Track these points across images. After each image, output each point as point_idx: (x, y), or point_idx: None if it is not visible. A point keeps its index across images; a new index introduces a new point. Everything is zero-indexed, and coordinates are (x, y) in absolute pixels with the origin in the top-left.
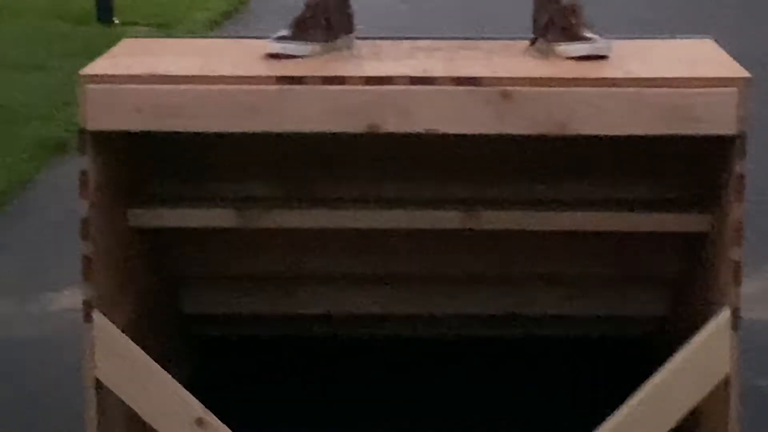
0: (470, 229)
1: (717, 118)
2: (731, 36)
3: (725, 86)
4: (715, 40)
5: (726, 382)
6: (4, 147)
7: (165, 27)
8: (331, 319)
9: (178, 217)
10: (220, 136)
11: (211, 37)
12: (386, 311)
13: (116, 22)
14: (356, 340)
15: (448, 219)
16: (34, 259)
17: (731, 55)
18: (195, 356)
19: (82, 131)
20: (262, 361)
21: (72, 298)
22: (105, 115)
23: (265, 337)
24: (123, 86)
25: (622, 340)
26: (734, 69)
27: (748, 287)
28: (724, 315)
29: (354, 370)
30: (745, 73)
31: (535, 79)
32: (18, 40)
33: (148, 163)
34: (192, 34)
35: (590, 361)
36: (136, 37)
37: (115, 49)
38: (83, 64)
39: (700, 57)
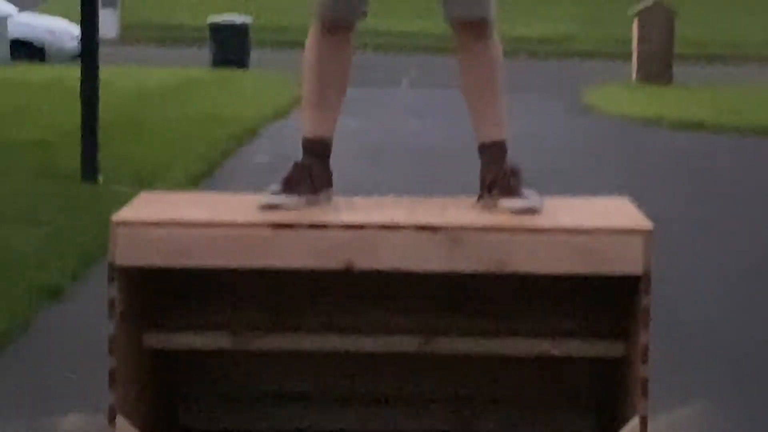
0: (427, 353)
1: (627, 261)
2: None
3: (633, 235)
4: (628, 199)
5: None
6: (3, 293)
7: (147, 185)
8: None
9: (183, 340)
10: (220, 272)
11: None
12: (364, 428)
13: (100, 180)
14: None
15: (408, 344)
16: (35, 394)
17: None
18: None
19: (112, 266)
20: None
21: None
22: (131, 253)
23: None
24: (146, 230)
25: None
26: (641, 221)
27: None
28: (633, 423)
29: None
30: (649, 225)
31: (481, 227)
32: (9, 196)
33: (160, 294)
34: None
35: None
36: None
37: (136, 201)
38: (72, 219)
39: (615, 211)
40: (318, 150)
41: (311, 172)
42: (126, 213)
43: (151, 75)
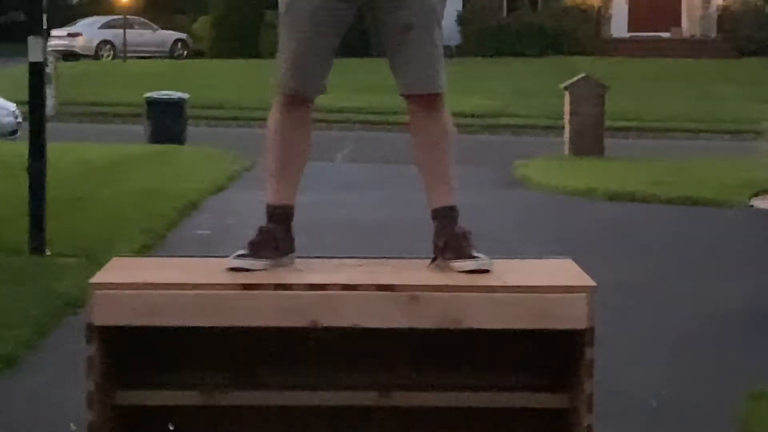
0: (384, 407)
1: (572, 316)
2: (584, 257)
3: (578, 292)
4: (572, 260)
5: None
6: None
7: (93, 258)
8: None
9: (154, 397)
10: (190, 331)
11: None
12: None
13: (48, 253)
14: None
15: (367, 398)
16: None
17: (584, 270)
18: None
19: (90, 326)
20: None
21: None
22: (107, 313)
23: None
24: (121, 291)
25: None
26: (584, 280)
27: None
28: None
29: None
30: (592, 283)
31: (436, 286)
32: None
33: (133, 352)
34: None
35: None
36: (68, 267)
37: (109, 265)
38: (18, 292)
39: (560, 271)
40: (281, 216)
41: (275, 237)
42: (102, 275)
43: (89, 151)
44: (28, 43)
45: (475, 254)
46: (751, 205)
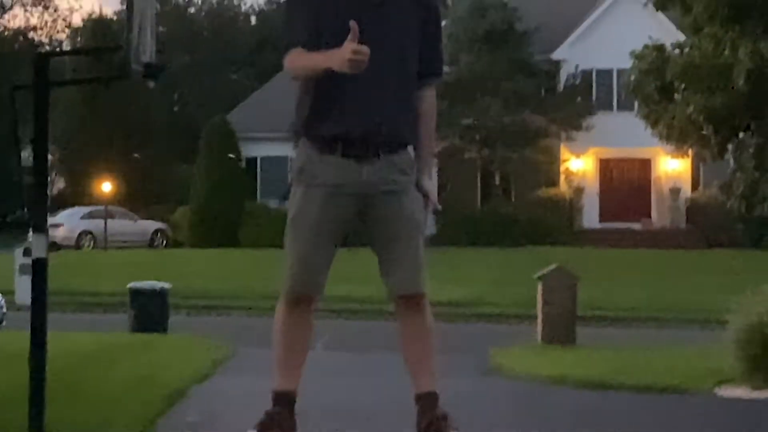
0: None
1: None
2: None
3: None
4: None
5: None
6: None
7: None
8: None
9: None
10: None
11: None
12: None
13: None
14: None
15: None
16: None
17: None
18: None
19: None
20: None
21: None
22: None
23: None
24: None
25: None
26: None
27: None
28: None
29: None
30: None
31: None
32: None
33: None
34: None
35: None
36: None
37: None
38: None
39: None
40: (285, 401)
41: (280, 420)
42: None
43: (75, 339)
44: (32, 241)
45: None
46: (716, 394)
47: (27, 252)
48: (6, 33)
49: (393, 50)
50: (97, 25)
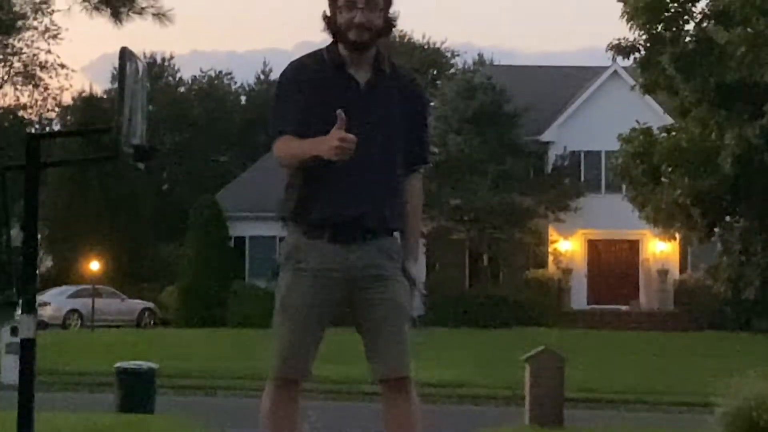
0: None
1: None
2: None
3: None
4: None
5: None
6: None
7: None
8: None
9: None
10: None
11: None
12: None
13: None
14: None
15: None
16: None
17: None
18: None
19: None
20: None
21: None
22: None
23: None
24: None
25: None
26: None
27: None
28: None
29: None
30: None
31: None
32: None
33: None
34: None
35: None
36: None
37: None
38: None
39: None
40: None
41: None
42: None
43: (62, 420)
44: (21, 321)
45: None
46: None
47: (14, 331)
48: None
49: (380, 138)
50: (87, 103)
